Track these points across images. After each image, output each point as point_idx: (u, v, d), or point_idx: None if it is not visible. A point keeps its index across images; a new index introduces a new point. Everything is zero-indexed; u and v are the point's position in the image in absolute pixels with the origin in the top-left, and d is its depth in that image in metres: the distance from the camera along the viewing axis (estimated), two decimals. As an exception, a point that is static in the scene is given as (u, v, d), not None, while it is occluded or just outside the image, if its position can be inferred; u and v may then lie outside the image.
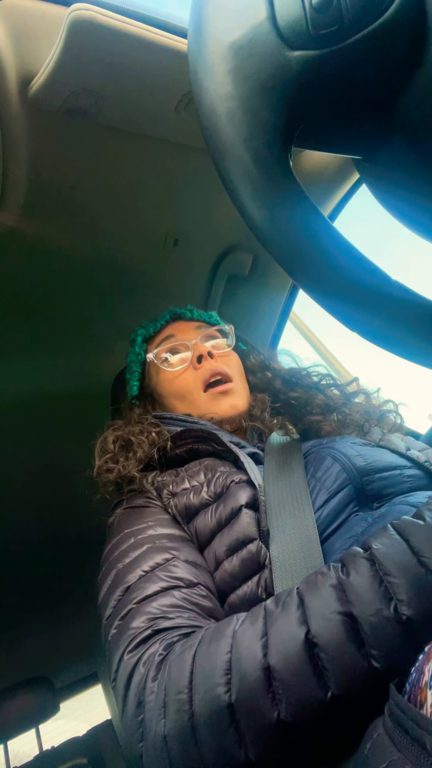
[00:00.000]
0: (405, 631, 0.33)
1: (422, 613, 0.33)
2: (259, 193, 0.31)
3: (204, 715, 0.36)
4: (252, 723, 0.34)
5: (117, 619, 0.48)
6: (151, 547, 0.54)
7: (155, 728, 0.38)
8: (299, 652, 0.35)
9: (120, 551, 0.55)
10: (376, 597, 0.34)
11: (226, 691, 0.35)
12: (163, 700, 0.38)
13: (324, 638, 0.34)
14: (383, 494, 0.55)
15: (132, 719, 0.40)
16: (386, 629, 0.33)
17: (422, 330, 0.32)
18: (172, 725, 0.37)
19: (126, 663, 0.43)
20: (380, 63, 0.29)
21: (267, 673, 0.35)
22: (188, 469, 0.64)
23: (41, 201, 0.72)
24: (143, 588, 0.49)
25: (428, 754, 0.25)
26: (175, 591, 0.49)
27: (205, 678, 0.37)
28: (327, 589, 0.37)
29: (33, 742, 1.24)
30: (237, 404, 0.73)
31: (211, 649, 0.39)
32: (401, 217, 0.40)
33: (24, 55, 0.57)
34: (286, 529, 0.52)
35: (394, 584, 0.34)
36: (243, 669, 0.36)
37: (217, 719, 0.35)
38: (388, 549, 0.36)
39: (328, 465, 0.58)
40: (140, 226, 0.86)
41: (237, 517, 0.55)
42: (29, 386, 1.00)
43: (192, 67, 0.33)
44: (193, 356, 0.75)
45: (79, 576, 1.04)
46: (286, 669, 0.34)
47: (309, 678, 0.34)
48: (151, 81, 0.61)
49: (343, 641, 0.34)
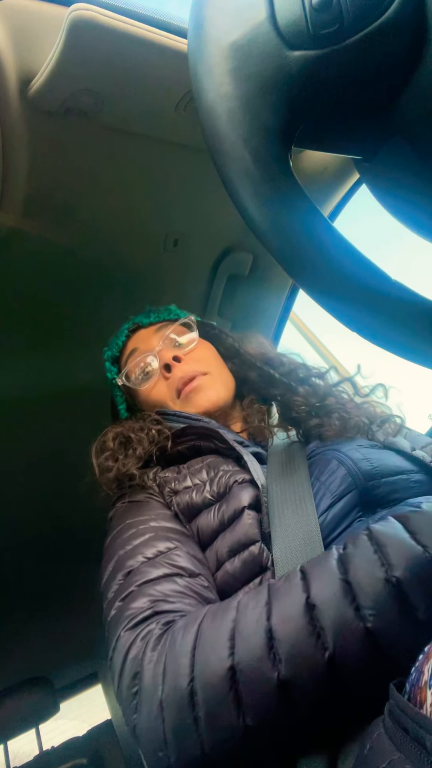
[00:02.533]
0: (395, 591, 0.35)
1: (410, 577, 0.35)
2: (259, 193, 0.31)
3: (204, 678, 0.36)
4: (252, 685, 0.35)
5: (118, 600, 0.48)
6: (153, 535, 0.54)
7: (152, 695, 0.38)
8: (299, 614, 0.36)
9: (122, 539, 0.56)
10: (370, 562, 0.37)
11: (229, 655, 0.37)
12: (163, 666, 0.39)
13: (321, 599, 0.36)
14: (389, 499, 0.54)
15: (127, 691, 0.41)
16: (377, 588, 0.35)
17: (422, 330, 0.32)
18: (170, 690, 0.37)
19: (123, 639, 0.44)
20: (380, 63, 0.29)
21: (269, 635, 0.36)
22: (190, 466, 0.63)
23: (41, 201, 0.72)
24: (145, 572, 0.49)
25: (428, 754, 0.25)
26: (178, 578, 0.49)
27: (209, 644, 0.38)
28: (329, 561, 0.39)
29: (33, 742, 1.24)
30: (211, 396, 0.71)
31: (217, 619, 0.40)
32: (401, 217, 0.40)
33: (24, 55, 0.57)
34: (288, 530, 0.52)
35: (386, 553, 0.37)
36: (246, 632, 0.37)
37: (217, 682, 0.36)
38: (385, 528, 0.40)
39: (333, 468, 0.57)
40: (140, 226, 0.86)
41: (239, 518, 0.54)
42: (29, 386, 1.00)
43: (192, 67, 0.33)
44: (160, 367, 0.73)
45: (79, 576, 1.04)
46: (287, 631, 0.36)
47: (308, 638, 0.35)
48: (151, 81, 0.61)
49: (340, 602, 0.36)
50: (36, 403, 1.02)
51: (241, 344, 0.82)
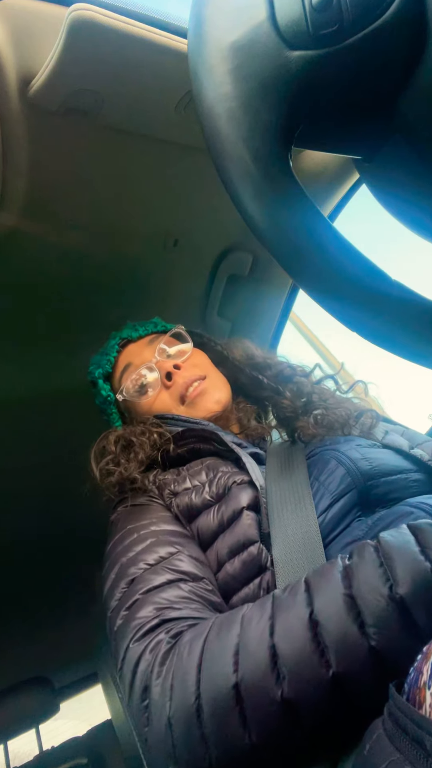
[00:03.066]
0: (399, 610, 0.34)
1: (415, 594, 0.34)
2: (259, 193, 0.31)
3: (210, 695, 0.36)
4: (256, 702, 0.35)
5: (123, 609, 0.48)
6: (155, 541, 0.54)
7: (160, 711, 0.38)
8: (303, 631, 0.36)
9: (123, 546, 0.55)
10: (374, 577, 0.36)
11: (233, 672, 0.36)
12: (170, 683, 0.39)
13: (325, 616, 0.36)
14: (388, 499, 0.54)
15: (138, 705, 0.41)
16: (381, 606, 0.34)
17: (422, 330, 0.32)
18: (177, 707, 0.37)
19: (133, 651, 0.44)
20: (380, 63, 0.29)
21: (272, 652, 0.36)
22: (190, 468, 0.64)
23: (41, 201, 0.72)
24: (149, 579, 0.49)
25: (428, 755, 0.25)
26: (182, 583, 0.49)
27: (214, 660, 0.38)
28: (334, 574, 0.38)
29: (33, 742, 1.24)
30: (220, 398, 0.72)
31: (221, 634, 0.39)
32: (401, 217, 0.40)
33: (24, 55, 0.57)
34: (287, 530, 0.52)
35: (392, 567, 0.36)
36: (250, 649, 0.37)
37: (223, 699, 0.36)
38: (394, 539, 0.38)
39: (332, 468, 0.57)
40: (140, 226, 0.86)
41: (238, 519, 0.54)
42: (29, 385, 1.00)
43: (192, 67, 0.32)
44: (161, 376, 0.73)
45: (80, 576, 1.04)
46: (290, 648, 0.35)
47: (311, 656, 0.34)
48: (151, 81, 0.61)
49: (343, 618, 0.35)
50: (36, 402, 1.02)
51: (227, 350, 0.83)
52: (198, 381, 0.72)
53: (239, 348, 0.84)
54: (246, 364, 0.80)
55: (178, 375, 0.72)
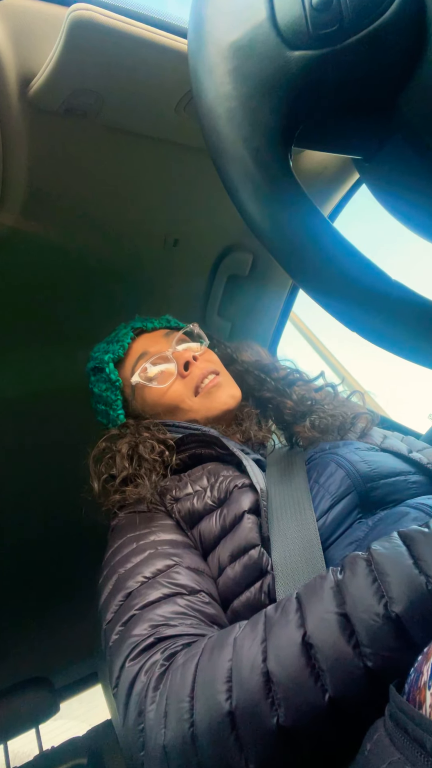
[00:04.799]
0: (395, 629, 0.33)
1: (411, 612, 0.33)
2: (259, 193, 0.31)
3: (204, 723, 0.35)
4: (252, 730, 0.34)
5: (118, 624, 0.48)
6: (153, 553, 0.54)
7: (155, 738, 0.38)
8: (296, 655, 0.35)
9: (122, 556, 0.55)
10: (368, 595, 0.35)
11: (226, 699, 0.35)
12: (164, 709, 0.38)
13: (319, 639, 0.34)
14: (388, 500, 0.54)
15: (133, 728, 0.40)
16: (376, 626, 0.33)
17: (422, 330, 0.32)
18: (173, 735, 0.37)
19: (128, 671, 0.43)
20: (380, 63, 0.29)
21: (266, 678, 0.35)
22: (191, 474, 0.63)
23: (41, 201, 0.72)
24: (145, 594, 0.49)
25: (428, 755, 0.25)
26: (178, 598, 0.48)
27: (207, 687, 0.37)
28: (325, 591, 0.37)
29: (33, 742, 1.24)
30: (234, 393, 0.73)
31: (213, 658, 0.38)
32: (401, 217, 0.40)
33: (24, 55, 0.57)
34: (287, 534, 0.52)
35: (386, 582, 0.34)
36: (243, 676, 0.36)
37: (217, 727, 0.35)
38: (387, 551, 0.37)
39: (331, 471, 0.57)
40: (140, 226, 0.86)
41: (240, 522, 0.54)
42: (29, 385, 1.00)
43: (192, 67, 0.32)
44: (178, 366, 0.73)
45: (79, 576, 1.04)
46: (284, 673, 0.34)
47: (306, 681, 0.33)
48: (151, 81, 0.61)
49: (337, 640, 0.34)
50: (36, 402, 1.02)
51: (236, 352, 0.84)
52: (213, 374, 0.73)
53: (248, 351, 0.86)
54: (254, 366, 0.81)
55: (196, 366, 0.73)
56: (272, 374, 0.80)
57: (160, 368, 0.74)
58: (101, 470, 0.66)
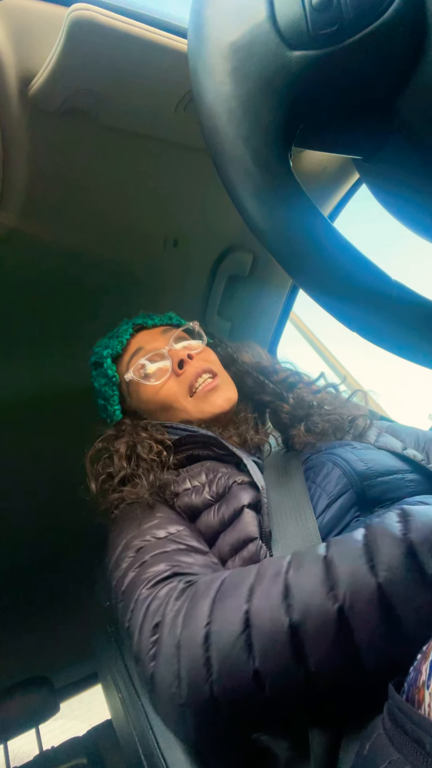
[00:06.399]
0: (407, 550, 0.36)
1: (423, 540, 0.36)
2: (259, 193, 0.31)
3: (220, 621, 0.38)
4: (263, 628, 0.37)
5: (131, 570, 0.49)
6: (161, 521, 0.56)
7: (170, 638, 0.40)
8: (316, 567, 0.38)
9: (128, 528, 0.57)
10: (390, 527, 0.38)
11: (246, 601, 0.38)
12: (183, 613, 0.41)
13: (339, 556, 0.38)
14: (385, 498, 0.55)
15: (147, 641, 0.42)
16: (392, 546, 0.36)
17: (422, 330, 0.32)
18: (189, 632, 0.39)
19: (143, 595, 0.45)
20: (380, 63, 0.29)
21: (285, 584, 0.38)
22: (190, 470, 0.64)
23: (41, 201, 0.72)
24: (158, 545, 0.51)
25: (427, 755, 0.25)
26: (192, 552, 0.51)
27: (229, 593, 0.40)
28: (357, 533, 0.40)
29: (33, 742, 1.24)
30: (230, 397, 0.72)
31: (237, 576, 0.42)
32: (401, 216, 0.40)
33: (24, 55, 0.57)
34: (288, 532, 0.52)
35: (408, 521, 0.38)
36: (263, 583, 0.39)
37: (231, 624, 0.38)
38: (417, 507, 0.41)
39: (328, 470, 0.58)
40: (140, 226, 0.86)
41: (239, 516, 0.55)
42: (29, 385, 1.00)
43: (192, 67, 0.32)
44: (173, 363, 0.72)
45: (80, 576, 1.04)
46: (301, 580, 0.38)
47: (320, 587, 0.37)
48: (151, 81, 0.61)
49: (356, 559, 0.37)
50: (35, 402, 1.02)
51: (237, 353, 0.83)
52: (208, 374, 0.72)
53: (248, 352, 0.85)
54: (254, 368, 0.80)
55: (190, 364, 0.72)
56: (272, 377, 0.79)
57: (155, 365, 0.73)
58: (98, 470, 0.66)
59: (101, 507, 0.65)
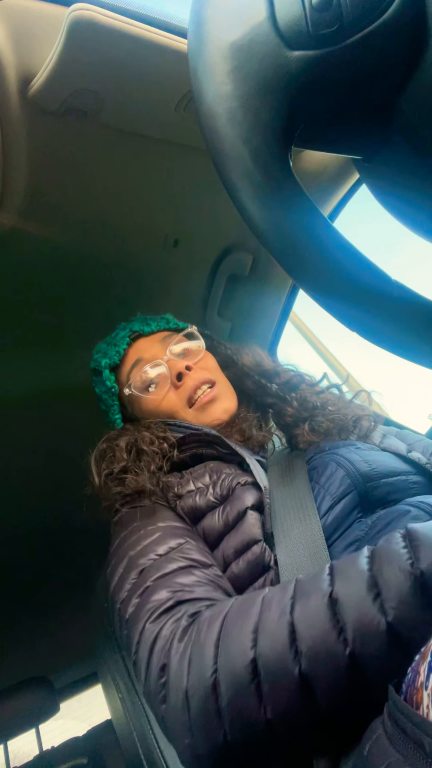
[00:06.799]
0: (418, 585, 0.34)
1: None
2: (259, 193, 0.31)
3: (227, 669, 0.37)
4: (273, 678, 0.35)
5: (134, 597, 0.48)
6: (162, 534, 0.55)
7: (178, 685, 0.39)
8: (322, 609, 0.36)
9: (130, 542, 0.56)
10: (397, 556, 0.36)
11: (251, 647, 0.37)
12: (188, 657, 0.39)
13: (344, 594, 0.36)
14: (388, 500, 0.54)
15: (155, 683, 0.41)
16: (400, 580, 0.34)
17: (422, 330, 0.32)
18: (195, 681, 0.38)
19: (148, 631, 0.44)
20: (380, 63, 0.29)
21: (291, 629, 0.36)
22: (193, 471, 0.63)
23: (41, 201, 0.72)
24: (160, 567, 0.49)
25: (427, 756, 0.25)
26: (194, 569, 0.49)
27: (233, 636, 0.38)
28: (360, 559, 0.38)
29: (33, 742, 1.24)
30: (228, 407, 0.72)
31: (242, 613, 0.40)
32: (401, 217, 0.40)
33: (24, 55, 0.57)
34: (291, 533, 0.52)
35: (416, 547, 0.36)
36: (269, 626, 0.37)
37: (239, 673, 0.36)
38: (422, 526, 0.38)
39: (331, 471, 0.57)
40: (140, 226, 0.86)
41: (243, 518, 0.55)
42: (29, 385, 1.00)
43: (192, 67, 0.32)
44: (171, 376, 0.72)
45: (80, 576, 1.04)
46: (308, 624, 0.36)
47: (329, 633, 0.35)
48: (151, 81, 0.61)
49: (363, 596, 0.35)
50: (36, 401, 1.02)
51: (237, 355, 0.83)
52: (207, 385, 0.72)
53: (249, 354, 0.84)
54: (255, 370, 0.80)
55: (189, 377, 0.72)
56: (274, 379, 0.79)
57: (154, 378, 0.73)
58: (102, 468, 0.66)
59: (104, 503, 0.65)
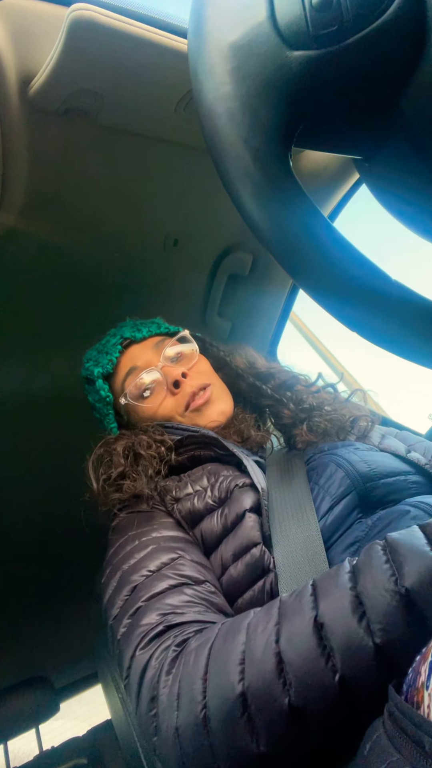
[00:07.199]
0: (404, 604, 0.33)
1: (422, 587, 0.33)
2: (259, 193, 0.31)
3: (217, 704, 0.36)
4: (263, 710, 0.34)
5: (126, 617, 0.48)
6: (156, 547, 0.54)
7: (168, 720, 0.38)
8: (308, 635, 0.35)
9: (124, 553, 0.55)
10: (379, 573, 0.35)
11: (239, 680, 0.36)
12: (177, 692, 0.38)
13: (330, 618, 0.35)
14: (387, 500, 0.54)
15: (146, 714, 0.40)
16: (386, 601, 0.33)
17: (422, 330, 0.32)
18: (185, 716, 0.37)
19: (138, 659, 0.43)
20: (380, 63, 0.29)
21: (278, 659, 0.35)
22: (191, 474, 0.63)
23: (41, 201, 0.72)
24: (151, 586, 0.49)
25: (427, 756, 0.25)
26: (185, 588, 0.49)
27: (220, 668, 0.37)
28: (341, 575, 0.37)
29: (33, 742, 1.24)
30: (224, 408, 0.71)
31: (227, 642, 0.39)
32: (401, 217, 0.40)
33: (24, 55, 0.57)
34: (289, 534, 0.52)
35: (398, 561, 0.35)
36: (255, 657, 0.36)
37: (229, 708, 0.35)
38: (402, 536, 0.37)
39: (331, 471, 0.57)
40: (140, 226, 0.86)
41: (241, 521, 0.55)
42: (29, 385, 1.00)
43: (192, 67, 0.32)
44: (167, 384, 0.71)
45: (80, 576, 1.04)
46: (296, 653, 0.34)
47: (317, 661, 0.33)
48: (151, 81, 0.61)
49: (348, 618, 0.34)
50: (36, 401, 1.02)
51: (230, 356, 0.82)
52: (205, 388, 0.71)
53: (241, 355, 0.84)
54: (249, 372, 0.79)
55: (185, 383, 0.71)
56: (268, 380, 0.78)
57: (149, 385, 0.72)
58: (100, 473, 0.66)
59: (103, 508, 0.65)
